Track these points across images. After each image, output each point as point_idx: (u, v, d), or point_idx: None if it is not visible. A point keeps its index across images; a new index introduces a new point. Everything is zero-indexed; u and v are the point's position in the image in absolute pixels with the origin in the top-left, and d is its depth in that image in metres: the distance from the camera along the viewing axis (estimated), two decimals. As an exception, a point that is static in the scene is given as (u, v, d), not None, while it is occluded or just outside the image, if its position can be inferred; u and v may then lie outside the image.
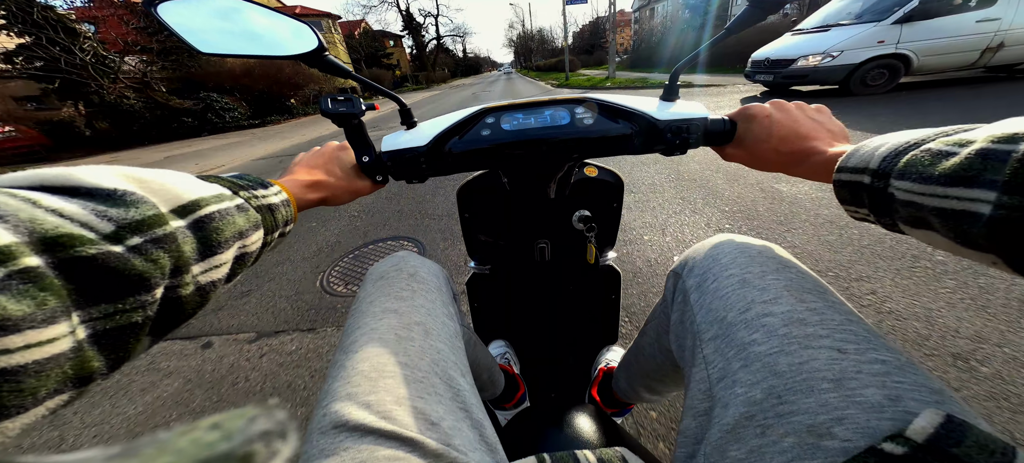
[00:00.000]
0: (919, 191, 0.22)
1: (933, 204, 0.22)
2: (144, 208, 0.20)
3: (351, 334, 0.38)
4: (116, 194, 0.20)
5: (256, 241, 0.29)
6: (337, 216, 2.62)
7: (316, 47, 0.39)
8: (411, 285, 0.43)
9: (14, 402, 0.15)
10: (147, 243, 0.20)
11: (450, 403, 0.34)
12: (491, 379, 0.65)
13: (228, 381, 1.25)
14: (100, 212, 0.19)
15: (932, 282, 1.31)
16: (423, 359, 0.36)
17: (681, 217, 2.01)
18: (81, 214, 0.18)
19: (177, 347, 1.45)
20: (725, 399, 0.29)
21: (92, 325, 0.17)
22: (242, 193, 0.29)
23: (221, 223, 0.25)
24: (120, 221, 0.19)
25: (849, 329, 0.28)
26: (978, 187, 0.19)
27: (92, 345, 0.17)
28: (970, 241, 0.20)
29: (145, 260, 0.19)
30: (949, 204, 0.21)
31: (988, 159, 0.19)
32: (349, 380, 0.32)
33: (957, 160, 0.21)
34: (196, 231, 0.23)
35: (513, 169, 0.56)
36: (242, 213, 0.27)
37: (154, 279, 0.20)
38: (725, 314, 0.33)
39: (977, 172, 0.19)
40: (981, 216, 0.19)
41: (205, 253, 0.23)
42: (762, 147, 0.40)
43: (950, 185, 0.21)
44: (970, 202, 0.20)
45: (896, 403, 0.23)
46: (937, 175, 0.21)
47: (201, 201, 0.24)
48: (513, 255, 0.73)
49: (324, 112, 0.41)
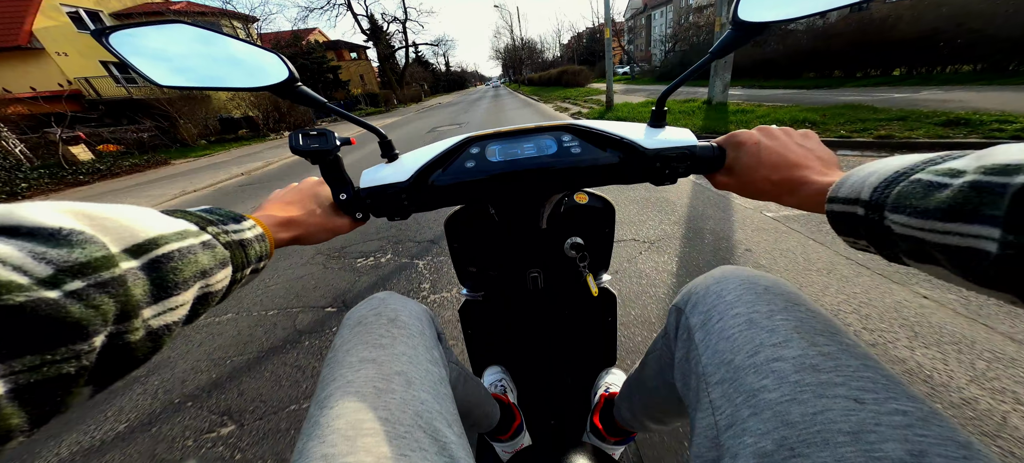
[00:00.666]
0: (917, 226, 0.21)
1: (935, 240, 0.21)
2: (90, 249, 0.19)
3: (326, 387, 0.35)
4: (60, 233, 0.19)
5: (222, 280, 0.27)
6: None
7: (287, 78, 0.37)
8: (391, 331, 0.41)
9: None
10: (89, 288, 0.18)
11: (436, 458, 0.32)
12: (485, 413, 0.62)
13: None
14: (38, 254, 0.17)
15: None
16: (405, 412, 0.33)
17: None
18: (15, 257, 0.17)
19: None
20: (734, 449, 0.28)
21: (14, 379, 0.16)
22: (210, 229, 0.28)
23: (181, 263, 0.23)
24: (60, 263, 0.18)
25: (866, 375, 0.26)
26: (978, 223, 0.18)
27: (12, 400, 0.16)
28: (981, 279, 0.19)
29: (85, 306, 0.18)
30: (952, 240, 0.20)
31: (983, 192, 0.18)
32: (324, 439, 0.29)
33: (950, 193, 0.20)
34: (151, 272, 0.22)
35: (501, 201, 0.54)
36: (207, 250, 0.26)
37: (93, 326, 0.18)
38: (732, 357, 0.32)
39: (974, 206, 0.19)
40: (987, 254, 0.18)
41: (159, 295, 0.22)
42: (752, 175, 0.40)
43: (948, 220, 0.20)
44: (974, 239, 0.19)
45: (920, 458, 0.21)
46: (932, 209, 0.20)
47: (160, 239, 0.23)
48: (505, 285, 0.70)
49: (294, 150, 0.38)
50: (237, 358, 1.50)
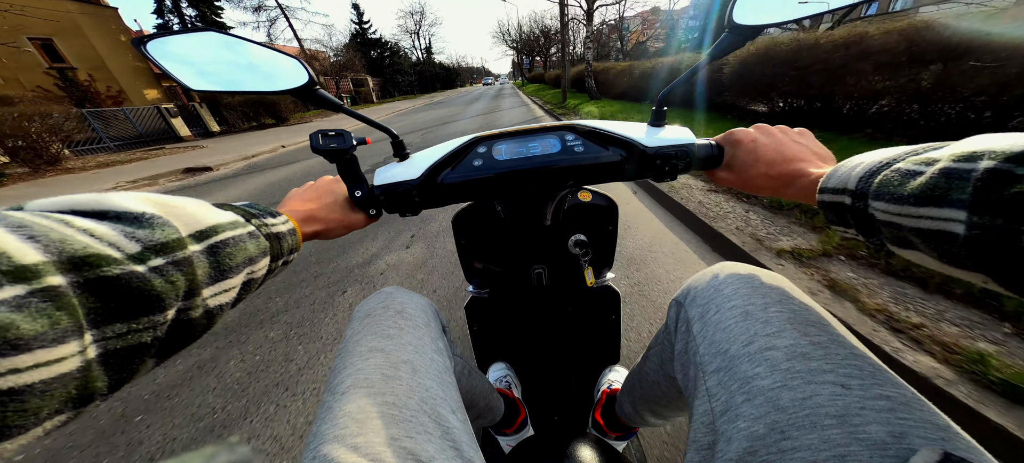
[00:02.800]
0: (895, 212, 0.23)
1: (910, 224, 0.22)
2: (168, 231, 0.22)
3: (338, 375, 0.37)
4: (144, 217, 0.21)
5: (263, 267, 0.30)
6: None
7: (307, 81, 0.39)
8: (398, 322, 0.43)
9: (17, 422, 0.15)
10: (167, 265, 0.21)
11: (440, 441, 0.33)
12: (489, 406, 0.64)
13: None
14: (128, 233, 0.20)
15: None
16: (411, 398, 0.35)
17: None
18: (110, 235, 0.19)
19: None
20: (728, 433, 0.29)
21: (104, 344, 0.18)
22: (253, 221, 0.30)
23: (234, 249, 0.26)
24: (146, 242, 0.20)
25: (853, 364, 0.28)
26: (947, 206, 0.20)
27: (100, 364, 0.18)
28: (954, 261, 0.20)
29: (164, 281, 0.20)
30: (924, 224, 0.21)
31: (951, 178, 0.20)
32: (336, 422, 0.31)
33: (924, 179, 0.21)
34: (210, 256, 0.24)
35: (507, 198, 0.56)
36: (253, 240, 0.28)
37: (168, 300, 0.20)
38: (728, 347, 0.33)
39: (943, 191, 0.20)
40: (956, 236, 0.19)
41: (217, 277, 0.24)
42: (750, 171, 0.41)
43: (920, 205, 0.21)
44: (944, 222, 0.20)
45: (900, 440, 0.23)
46: (907, 195, 0.22)
47: (218, 227, 0.25)
48: (510, 281, 0.72)
49: (314, 149, 0.40)
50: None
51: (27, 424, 0.15)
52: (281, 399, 1.19)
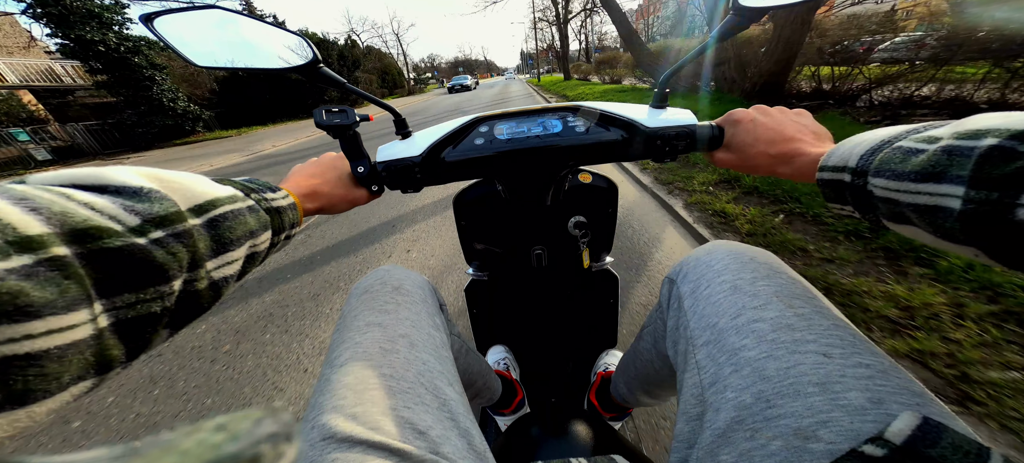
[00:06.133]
0: (894, 188, 0.23)
1: (907, 200, 0.23)
2: (166, 204, 0.22)
3: (336, 349, 0.38)
4: (142, 191, 0.21)
5: (264, 241, 0.30)
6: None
7: (311, 59, 0.40)
8: (395, 298, 0.44)
9: (40, 387, 0.15)
10: (168, 237, 0.21)
11: (437, 412, 0.34)
12: (486, 385, 0.65)
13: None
14: (128, 207, 0.20)
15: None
16: (409, 370, 0.36)
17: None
18: (110, 208, 0.19)
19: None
20: (716, 404, 0.30)
21: (115, 314, 0.19)
22: (253, 195, 0.30)
23: (234, 222, 0.26)
24: (145, 215, 0.21)
25: (835, 334, 0.29)
26: (946, 182, 0.20)
27: (113, 333, 0.19)
28: (948, 235, 0.21)
29: (166, 253, 0.21)
30: (921, 200, 0.22)
31: (953, 155, 0.20)
32: (335, 393, 0.32)
33: (925, 157, 0.22)
34: (210, 229, 0.24)
35: (508, 177, 0.57)
36: (253, 214, 0.28)
37: (173, 271, 0.21)
38: (717, 320, 0.34)
39: (944, 168, 0.20)
40: (952, 210, 0.20)
41: (218, 250, 0.25)
42: (750, 151, 0.41)
43: (920, 181, 0.22)
44: (941, 197, 0.21)
45: (878, 406, 0.24)
46: (908, 171, 0.22)
47: (216, 201, 0.26)
48: (510, 262, 0.73)
49: (318, 124, 0.41)
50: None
51: (50, 389, 0.16)
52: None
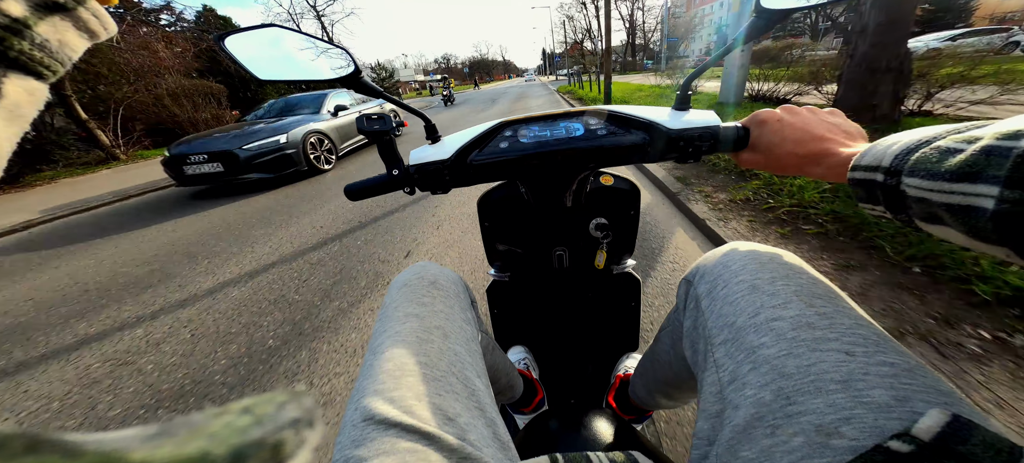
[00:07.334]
0: (928, 187, 0.23)
1: (940, 200, 0.22)
2: None
3: (378, 337, 0.41)
4: None
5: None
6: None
7: (354, 70, 0.44)
8: (431, 292, 0.46)
9: None
10: None
11: (466, 401, 0.36)
12: (509, 383, 0.67)
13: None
14: None
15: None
16: (442, 360, 0.38)
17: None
18: None
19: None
20: (735, 401, 0.30)
21: None
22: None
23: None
24: None
25: (858, 333, 0.28)
26: (981, 182, 0.20)
27: None
28: (980, 235, 0.21)
29: None
30: (955, 199, 0.21)
31: (991, 155, 0.20)
32: (375, 378, 0.35)
33: (963, 157, 0.21)
34: None
35: (531, 179, 0.59)
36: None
37: None
38: (735, 319, 0.34)
39: (981, 168, 0.20)
40: (985, 210, 0.20)
41: None
42: (777, 151, 0.41)
43: (955, 181, 0.21)
44: (974, 197, 0.20)
45: (904, 404, 0.23)
46: (943, 171, 0.22)
47: None
48: (532, 263, 0.75)
49: (361, 130, 0.45)
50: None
51: None
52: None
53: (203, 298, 2.02)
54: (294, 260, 2.35)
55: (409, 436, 0.30)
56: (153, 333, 1.74)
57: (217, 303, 1.94)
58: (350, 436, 0.31)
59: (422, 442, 0.30)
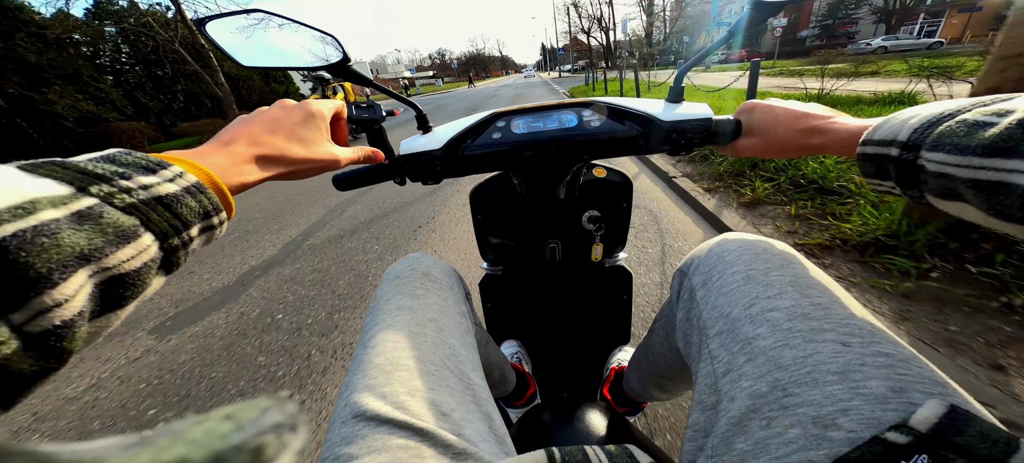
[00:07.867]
0: (953, 162, 0.22)
1: (967, 175, 0.22)
2: None
3: (369, 330, 0.40)
4: None
5: (133, 256, 0.18)
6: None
7: (341, 58, 0.42)
8: (425, 284, 0.45)
9: None
10: None
11: (461, 395, 0.35)
12: (503, 377, 0.66)
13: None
14: None
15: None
16: (436, 353, 0.38)
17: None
18: None
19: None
20: (731, 393, 0.30)
21: None
22: (100, 188, 0.18)
23: (33, 247, 0.15)
24: None
25: (853, 323, 0.28)
26: (1017, 158, 0.19)
27: None
28: (1004, 213, 0.20)
29: None
30: (984, 175, 0.21)
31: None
32: (366, 373, 0.34)
33: (996, 130, 0.20)
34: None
35: (524, 170, 0.58)
36: (86, 225, 0.17)
37: None
38: (730, 310, 0.34)
39: (1016, 142, 0.19)
40: (1017, 187, 0.19)
41: (22, 294, 0.14)
42: (773, 132, 0.40)
43: (987, 156, 0.21)
44: (1007, 173, 0.20)
45: (900, 395, 0.23)
46: (974, 146, 0.21)
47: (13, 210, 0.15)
48: (524, 255, 0.74)
49: (349, 118, 0.44)
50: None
51: None
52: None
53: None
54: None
55: (402, 432, 0.29)
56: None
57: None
58: (340, 434, 0.30)
59: (416, 439, 0.29)
